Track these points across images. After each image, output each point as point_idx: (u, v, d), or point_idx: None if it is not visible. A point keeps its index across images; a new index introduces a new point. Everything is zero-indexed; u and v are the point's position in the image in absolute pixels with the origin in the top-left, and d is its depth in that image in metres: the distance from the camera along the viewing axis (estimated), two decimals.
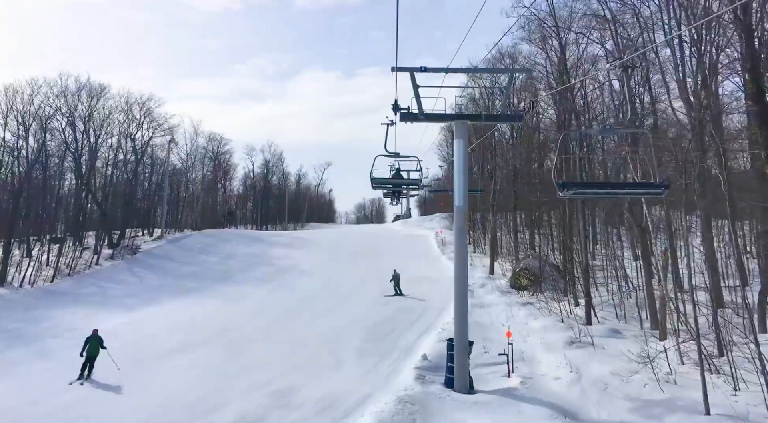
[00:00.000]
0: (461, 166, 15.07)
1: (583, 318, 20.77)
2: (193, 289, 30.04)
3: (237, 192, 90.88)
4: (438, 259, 41.32)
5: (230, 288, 29.95)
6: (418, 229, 64.30)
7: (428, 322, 21.92)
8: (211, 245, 46.06)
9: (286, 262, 39.22)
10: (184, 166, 62.21)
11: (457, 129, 15.30)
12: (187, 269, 37.51)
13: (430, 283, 31.04)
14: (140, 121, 51.38)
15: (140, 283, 33.71)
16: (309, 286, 30.05)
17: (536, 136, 41.15)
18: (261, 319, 22.67)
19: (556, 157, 12.63)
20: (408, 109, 15.54)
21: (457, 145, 15.22)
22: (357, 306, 25.14)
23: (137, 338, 19.98)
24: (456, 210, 15.12)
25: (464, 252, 15.11)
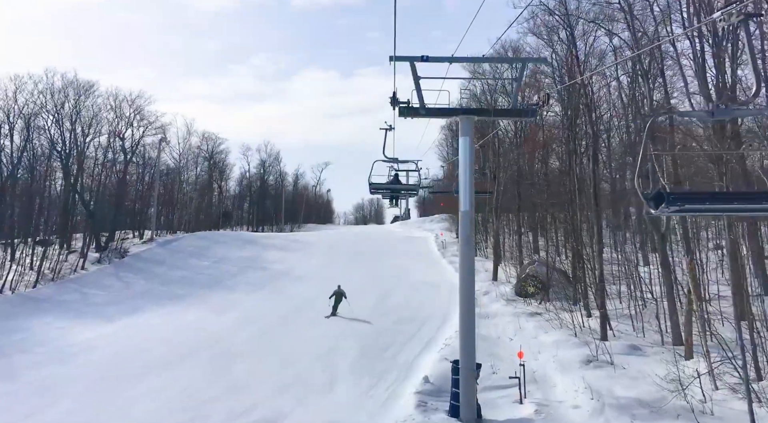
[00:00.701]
0: (467, 166, 13.46)
1: (597, 331, 19.16)
2: (181, 296, 28.39)
3: (233, 192, 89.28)
4: (438, 262, 39.75)
5: (219, 295, 28.30)
6: (418, 230, 62.72)
7: (429, 335, 20.30)
8: (203, 248, 44.39)
9: (280, 266, 37.59)
10: (176, 166, 60.52)
11: (463, 125, 13.67)
12: (177, 274, 35.86)
13: (430, 289, 29.45)
14: (130, 120, 49.74)
15: (126, 288, 32.06)
16: (303, 292, 28.41)
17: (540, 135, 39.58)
18: (249, 330, 21.02)
19: (639, 158, 8.12)
20: (408, 103, 13.92)
21: (462, 143, 13.59)
22: (356, 314, 23.51)
23: (111, 353, 18.35)
24: (462, 216, 13.49)
25: (471, 264, 13.50)
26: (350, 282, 30.97)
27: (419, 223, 69.35)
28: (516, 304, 24.97)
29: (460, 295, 13.54)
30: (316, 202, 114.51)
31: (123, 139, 46.88)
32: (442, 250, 44.97)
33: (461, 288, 13.39)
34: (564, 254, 31.27)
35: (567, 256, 34.07)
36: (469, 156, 13.51)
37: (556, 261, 29.12)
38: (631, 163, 29.95)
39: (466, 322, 13.12)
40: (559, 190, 28.74)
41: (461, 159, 13.52)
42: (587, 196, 24.03)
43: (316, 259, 39.97)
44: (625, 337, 18.65)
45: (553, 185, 30.66)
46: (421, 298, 26.83)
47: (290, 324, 22.02)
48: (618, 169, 33.78)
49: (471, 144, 13.61)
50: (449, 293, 28.35)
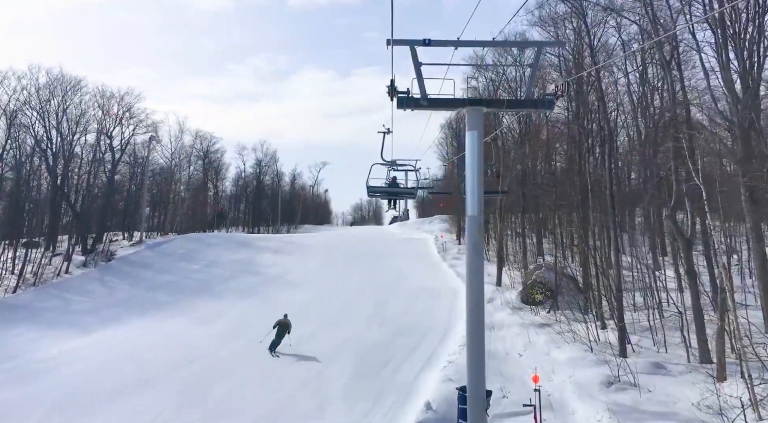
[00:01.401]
0: (475, 164, 11.70)
1: (615, 346, 17.49)
2: (165, 304, 26.66)
3: (229, 193, 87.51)
4: (438, 266, 38.01)
5: (206, 303, 26.55)
6: (417, 231, 60.97)
7: (431, 349, 18.60)
8: (193, 251, 42.63)
9: (273, 270, 35.84)
10: (168, 165, 58.75)
11: (470, 118, 11.91)
12: (164, 278, 34.12)
13: (431, 296, 27.71)
14: (120, 117, 47.92)
15: (109, 295, 30.32)
16: (296, 300, 26.65)
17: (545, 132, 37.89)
18: (233, 344, 19.30)
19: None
20: (407, 93, 12.20)
21: (469, 138, 11.82)
22: (348, 325, 21.80)
23: (81, 371, 16.63)
24: (469, 221, 11.73)
25: (480, 279, 11.71)
26: (346, 288, 29.38)
27: (418, 225, 67.62)
28: (523, 313, 23.28)
29: (467, 316, 11.69)
30: (314, 203, 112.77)
31: (111, 137, 45.09)
32: (442, 253, 43.24)
33: (469, 307, 11.58)
34: (571, 258, 29.59)
35: (574, 259, 32.50)
36: (477, 153, 11.77)
37: (563, 266, 27.38)
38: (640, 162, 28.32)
39: (475, 347, 11.34)
40: (567, 191, 27.05)
41: (468, 157, 11.79)
42: (597, 196, 22.38)
43: (312, 263, 38.22)
44: (646, 354, 16.98)
45: (560, 185, 28.94)
46: (421, 306, 25.13)
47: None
48: (625, 168, 32.08)
49: (480, 140, 11.87)
50: (451, 300, 26.69)
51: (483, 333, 11.67)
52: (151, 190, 61.06)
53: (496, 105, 12.50)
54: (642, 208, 32.15)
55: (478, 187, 11.73)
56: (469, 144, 11.96)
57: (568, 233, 30.44)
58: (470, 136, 11.99)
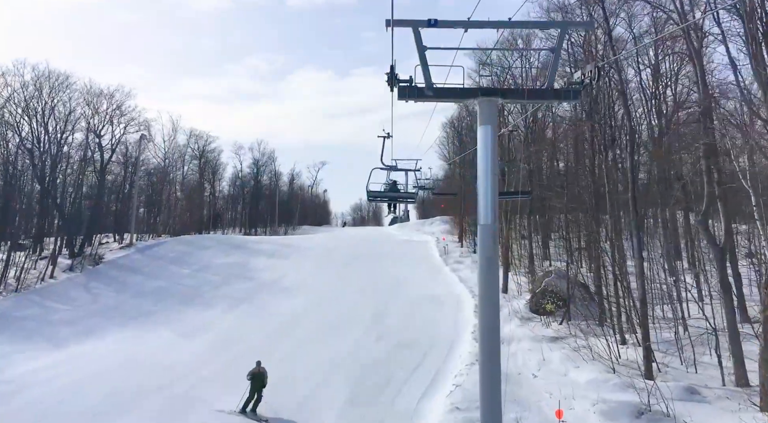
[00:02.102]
0: (489, 164, 10.07)
1: (638, 365, 15.84)
2: (150, 314, 24.99)
3: (226, 193, 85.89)
4: (440, 271, 36.34)
5: (194, 312, 24.87)
6: (417, 233, 59.26)
7: (434, 368, 16.93)
8: (185, 254, 40.94)
9: (267, 275, 34.18)
10: (162, 165, 57.07)
11: (484, 110, 10.27)
12: (152, 284, 32.43)
13: (433, 304, 26.04)
14: (109, 115, 46.18)
15: (92, 302, 28.67)
16: (290, 308, 25.01)
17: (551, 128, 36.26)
18: (217, 361, 17.63)
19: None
20: (410, 82, 10.56)
21: (482, 134, 10.18)
22: (345, 338, 20.14)
23: (47, 394, 14.98)
24: (482, 231, 10.10)
25: (494, 296, 10.09)
26: (343, 295, 27.72)
27: (418, 226, 65.88)
28: (533, 325, 21.60)
29: (480, 341, 10.07)
30: (313, 203, 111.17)
31: (100, 136, 43.39)
32: (444, 256, 41.58)
33: (483, 332, 9.96)
34: (580, 264, 27.92)
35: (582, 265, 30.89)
36: (491, 151, 10.11)
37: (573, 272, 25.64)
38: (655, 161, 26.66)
39: (490, 377, 9.72)
40: (578, 192, 25.38)
41: (481, 156, 10.14)
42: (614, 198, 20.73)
43: (308, 267, 36.55)
44: (674, 375, 15.32)
45: (570, 186, 27.26)
46: (423, 317, 23.45)
47: (268, 352, 18.54)
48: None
49: (494, 136, 10.22)
50: (455, 309, 25.04)
51: (499, 363, 10.00)
52: (145, 190, 59.47)
53: (513, 95, 10.82)
54: (653, 209, 30.53)
55: (492, 190, 10.06)
56: (481, 141, 10.28)
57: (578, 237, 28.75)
58: (483, 131, 10.31)
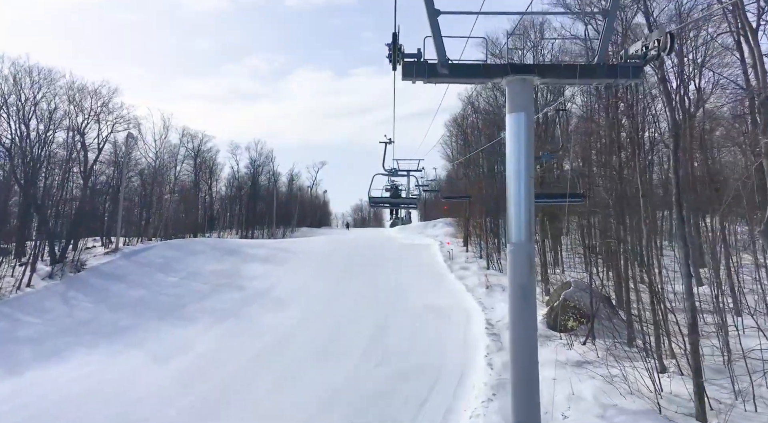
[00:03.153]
0: (522, 163, 7.67)
1: (685, 399, 13.36)
2: (125, 330, 22.54)
3: (223, 194, 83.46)
4: (445, 278, 33.89)
5: (173, 329, 22.39)
6: (420, 236, 56.85)
7: (444, 405, 14.41)
8: (174, 260, 38.50)
9: (260, 283, 31.71)
10: (153, 165, 54.63)
11: (516, 93, 7.85)
12: (135, 294, 30.01)
13: (438, 318, 23.57)
14: (97, 113, 43.76)
15: (67, 316, 26.22)
16: (281, 323, 22.53)
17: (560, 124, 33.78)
18: (191, 394, 15.13)
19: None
20: (418, 56, 8.13)
21: (514, 123, 7.74)
22: (340, 363, 17.65)
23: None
24: (513, 252, 7.67)
25: (532, 338, 7.64)
26: (339, 307, 25.24)
27: (421, 228, 63.45)
28: (554, 345, 19.07)
29: (513, 392, 7.62)
30: (313, 204, 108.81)
31: (83, 134, 40.93)
32: (448, 262, 39.12)
33: (516, 393, 7.44)
34: (605, 274, 25.39)
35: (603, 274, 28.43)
36: (524, 146, 7.68)
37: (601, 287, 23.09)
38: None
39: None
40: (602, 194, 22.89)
41: (512, 151, 7.71)
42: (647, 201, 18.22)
43: (304, 274, 34.10)
44: (732, 415, 12.81)
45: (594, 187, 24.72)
46: (429, 334, 20.96)
47: (251, 382, 16.13)
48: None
49: (530, 126, 7.78)
50: (463, 325, 22.58)
51: None
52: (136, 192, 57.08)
53: (554, 73, 8.37)
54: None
55: (527, 198, 7.57)
56: (512, 132, 7.74)
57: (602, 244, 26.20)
58: (514, 121, 7.77)
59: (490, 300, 27.08)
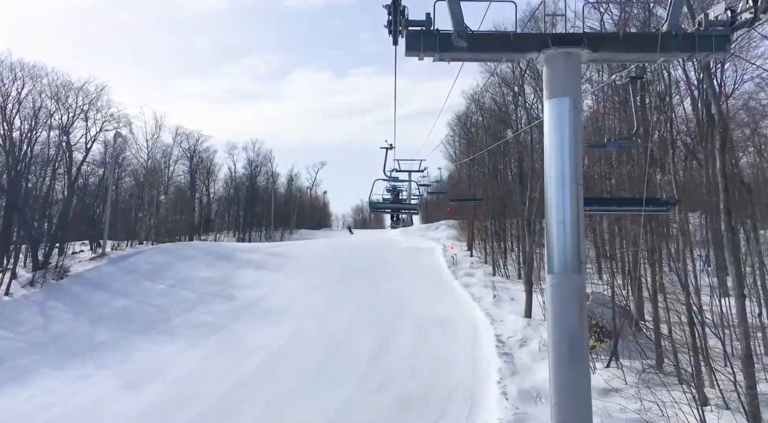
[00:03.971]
0: (568, 164, 5.69)
1: None
2: (99, 348, 20.55)
3: (220, 195, 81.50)
4: (449, 285, 31.93)
5: (153, 346, 20.37)
6: (422, 239, 54.88)
7: None
8: (163, 265, 36.54)
9: (251, 292, 29.70)
10: (145, 166, 52.66)
11: (556, 71, 5.84)
12: (117, 304, 28.03)
13: (445, 334, 21.52)
14: (83, 111, 41.71)
15: (41, 329, 24.25)
16: (271, 340, 20.49)
17: None
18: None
19: None
20: (427, 25, 6.11)
21: (555, 111, 5.72)
22: (337, 387, 15.62)
23: None
24: (554, 285, 5.65)
25: (585, 409, 5.61)
26: (336, 321, 23.18)
27: (423, 231, 61.44)
28: None
29: None
30: (312, 205, 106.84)
31: (68, 134, 38.96)
32: (452, 268, 37.14)
33: None
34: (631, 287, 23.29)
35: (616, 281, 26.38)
36: (570, 142, 5.71)
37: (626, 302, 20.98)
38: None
39: None
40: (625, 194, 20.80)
41: (554, 152, 5.70)
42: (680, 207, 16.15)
43: (299, 282, 32.12)
44: None
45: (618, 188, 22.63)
46: (434, 353, 18.96)
47: (232, 414, 14.10)
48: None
49: (578, 116, 5.80)
50: (471, 341, 20.59)
51: None
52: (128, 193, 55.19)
53: (610, 46, 6.35)
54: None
55: (575, 211, 5.59)
56: (553, 126, 5.32)
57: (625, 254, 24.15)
58: (555, 109, 5.44)
59: (499, 311, 25.09)
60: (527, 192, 24.96)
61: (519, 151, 31.16)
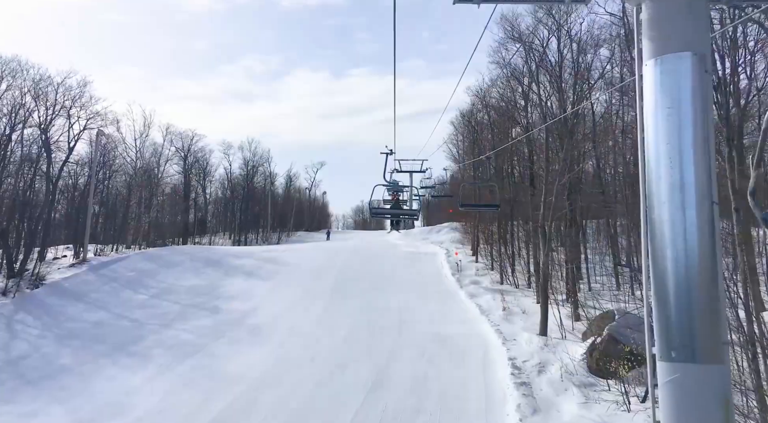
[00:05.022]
0: (692, 159, 3.23)
1: None
2: (58, 374, 18.03)
3: (215, 196, 79.17)
4: (455, 297, 29.42)
5: (118, 372, 17.85)
6: (423, 243, 52.44)
7: None
8: (147, 273, 34.14)
9: (238, 305, 27.25)
10: (133, 166, 50.21)
11: (668, 12, 3.41)
12: (92, 317, 25.61)
13: (453, 357, 18.99)
14: (65, 108, 39.29)
15: (2, 348, 21.76)
16: (253, 366, 17.95)
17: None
18: None
19: None
20: None
21: (667, 74, 3.30)
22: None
23: None
24: (673, 382, 3.18)
25: None
26: (328, 340, 20.61)
27: (425, 234, 58.99)
28: (601, 403, 14.52)
29: None
30: (311, 206, 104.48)
31: (46, 132, 36.49)
32: (457, 275, 34.70)
33: None
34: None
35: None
36: (695, 126, 3.28)
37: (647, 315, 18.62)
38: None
39: None
40: None
41: (661, 143, 3.28)
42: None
43: (290, 294, 29.65)
44: None
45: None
46: (441, 382, 16.43)
47: None
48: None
49: (706, 82, 3.37)
50: (482, 365, 18.10)
51: None
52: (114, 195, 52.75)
53: None
54: None
55: (711, 248, 3.10)
56: (661, 100, 3.10)
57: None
58: (667, 71, 3.27)
59: (510, 327, 22.60)
60: (542, 195, 22.44)
61: (530, 151, 28.67)
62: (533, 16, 25.03)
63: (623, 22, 21.30)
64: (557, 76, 24.42)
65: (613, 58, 23.29)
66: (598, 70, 26.04)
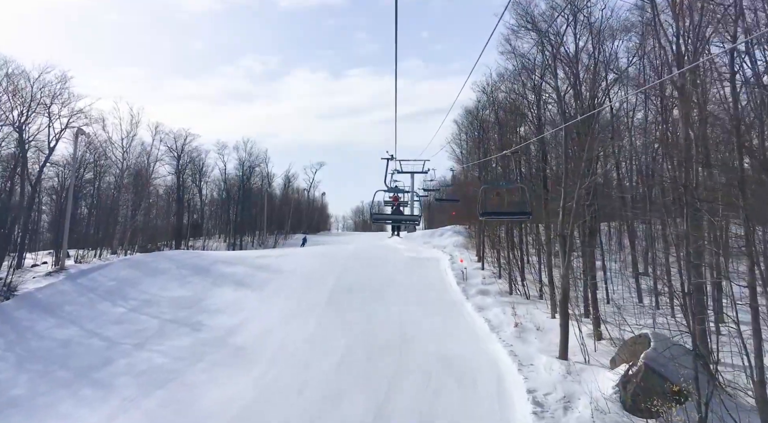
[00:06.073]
0: None
1: None
2: (6, 408, 15.58)
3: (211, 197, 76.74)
4: (461, 310, 26.87)
5: (74, 408, 15.29)
6: (425, 247, 49.96)
7: None
8: (129, 282, 31.70)
9: (224, 320, 24.80)
10: (120, 167, 47.73)
11: None
12: (61, 335, 23.15)
13: (461, 385, 16.48)
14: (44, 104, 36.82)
15: None
16: (232, 399, 15.47)
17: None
18: None
19: None
20: None
21: None
22: None
23: None
24: None
25: None
26: (321, 366, 18.12)
27: (427, 238, 56.54)
28: None
29: None
30: (310, 207, 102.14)
31: (20, 131, 34.00)
32: (463, 284, 32.23)
33: None
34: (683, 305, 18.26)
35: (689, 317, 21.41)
36: None
37: (695, 340, 15.96)
38: None
39: None
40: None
41: None
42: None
43: (282, 305, 27.20)
44: None
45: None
46: (448, 418, 13.98)
47: None
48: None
49: None
50: (496, 396, 15.64)
51: None
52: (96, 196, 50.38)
53: None
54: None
55: None
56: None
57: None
58: None
59: (525, 348, 20.08)
60: (560, 199, 19.97)
61: (543, 150, 26.18)
62: (548, 2, 22.61)
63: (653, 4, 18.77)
64: (574, 68, 21.90)
65: (643, 45, 20.80)
66: (625, 60, 23.63)
